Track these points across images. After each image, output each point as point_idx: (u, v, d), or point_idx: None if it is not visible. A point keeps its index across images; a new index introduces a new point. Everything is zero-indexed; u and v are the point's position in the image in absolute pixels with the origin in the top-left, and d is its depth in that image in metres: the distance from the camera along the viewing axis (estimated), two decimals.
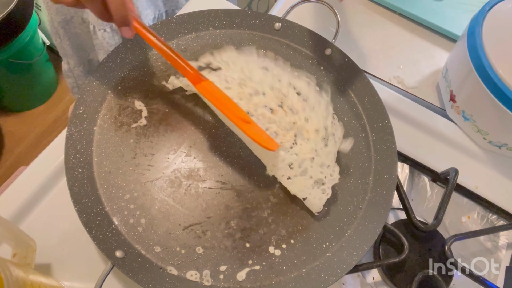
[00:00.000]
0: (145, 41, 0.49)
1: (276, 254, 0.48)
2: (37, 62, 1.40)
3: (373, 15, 0.76)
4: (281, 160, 0.51)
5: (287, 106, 0.53)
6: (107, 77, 0.55)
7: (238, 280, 0.46)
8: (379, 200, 0.51)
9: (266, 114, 0.52)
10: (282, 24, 0.61)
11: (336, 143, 0.52)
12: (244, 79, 0.54)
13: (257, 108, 0.53)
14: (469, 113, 0.60)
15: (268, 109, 0.53)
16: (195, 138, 0.53)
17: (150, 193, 0.49)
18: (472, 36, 0.57)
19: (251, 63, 0.55)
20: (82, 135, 0.51)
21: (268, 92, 0.54)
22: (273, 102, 0.53)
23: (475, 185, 0.60)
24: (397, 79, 0.70)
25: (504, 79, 0.53)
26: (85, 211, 0.47)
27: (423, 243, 0.55)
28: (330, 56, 0.60)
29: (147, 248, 0.46)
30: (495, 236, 0.58)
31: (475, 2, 0.75)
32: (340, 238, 0.49)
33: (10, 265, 0.39)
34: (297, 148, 0.52)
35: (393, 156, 0.54)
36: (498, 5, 0.58)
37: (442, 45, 0.73)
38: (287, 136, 0.52)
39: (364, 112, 0.57)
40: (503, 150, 0.61)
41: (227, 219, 0.49)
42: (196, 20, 0.60)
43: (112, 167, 0.50)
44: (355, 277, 0.53)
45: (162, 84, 0.56)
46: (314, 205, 0.49)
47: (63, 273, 0.50)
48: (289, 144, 0.51)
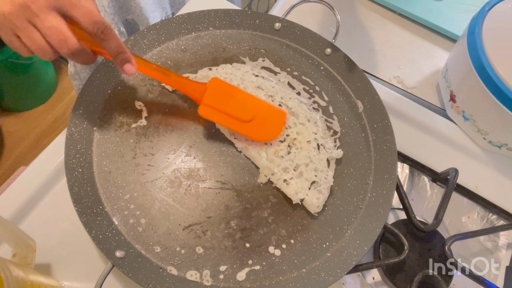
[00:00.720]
0: (145, 74, 0.51)
1: (276, 254, 0.48)
2: (37, 62, 1.40)
3: (373, 15, 0.76)
4: (276, 165, 0.51)
5: None
6: (107, 77, 0.55)
7: (238, 280, 0.46)
8: (379, 200, 0.51)
9: None
10: (282, 24, 0.61)
11: (327, 153, 0.53)
12: None
13: None
14: (469, 113, 0.60)
15: None
16: (195, 138, 0.53)
17: (150, 193, 0.49)
18: (472, 36, 0.57)
19: (246, 81, 0.56)
20: (82, 135, 0.51)
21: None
22: None
23: (475, 185, 0.60)
24: (397, 79, 0.70)
25: (504, 79, 0.53)
26: (85, 211, 0.47)
27: (423, 243, 0.55)
28: (330, 56, 0.60)
29: (147, 248, 0.46)
30: (495, 236, 0.58)
31: (475, 2, 0.75)
32: (340, 238, 0.49)
33: (10, 265, 0.39)
34: (292, 155, 0.53)
35: (393, 156, 0.54)
36: (498, 5, 0.58)
37: (442, 45, 0.73)
38: (281, 146, 0.53)
39: (364, 112, 0.57)
40: (503, 150, 0.61)
41: (227, 219, 0.49)
42: (196, 20, 0.60)
43: (112, 167, 0.50)
44: (355, 277, 0.53)
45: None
46: (312, 206, 0.50)
47: (63, 273, 0.50)
48: (284, 152, 0.53)
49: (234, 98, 0.52)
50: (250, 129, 0.52)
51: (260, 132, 0.52)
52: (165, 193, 0.50)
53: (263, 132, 0.52)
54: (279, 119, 0.53)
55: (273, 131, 0.53)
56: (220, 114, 0.51)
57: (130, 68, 0.46)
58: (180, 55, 0.58)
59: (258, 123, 0.52)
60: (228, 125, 0.52)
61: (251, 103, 0.53)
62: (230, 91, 0.53)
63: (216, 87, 0.52)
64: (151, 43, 0.58)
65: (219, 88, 0.52)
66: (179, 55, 0.58)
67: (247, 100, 0.53)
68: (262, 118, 0.52)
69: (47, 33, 0.39)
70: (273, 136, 0.53)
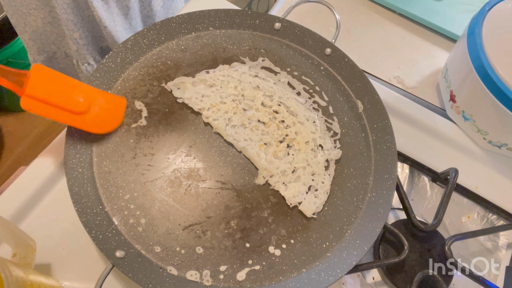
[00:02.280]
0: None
1: (276, 254, 0.48)
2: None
3: (373, 15, 0.76)
4: (275, 167, 0.51)
5: (279, 121, 0.55)
6: (107, 77, 0.55)
7: (238, 280, 0.46)
8: (379, 200, 0.51)
9: (260, 127, 0.54)
10: (282, 24, 0.61)
11: (325, 154, 0.54)
12: (237, 96, 0.56)
13: (251, 121, 0.54)
14: (469, 113, 0.60)
15: (261, 123, 0.54)
16: (195, 138, 0.53)
17: (150, 193, 0.49)
18: (472, 36, 0.57)
19: (244, 82, 0.56)
20: (82, 135, 0.51)
21: (260, 108, 0.55)
22: (265, 117, 0.55)
23: (475, 185, 0.60)
24: (397, 79, 0.70)
25: (504, 79, 0.53)
26: (85, 211, 0.47)
27: (423, 243, 0.55)
28: (330, 56, 0.60)
29: (147, 248, 0.46)
30: (495, 236, 0.58)
31: (475, 2, 0.75)
32: (340, 238, 0.49)
33: (10, 265, 0.39)
34: (290, 157, 0.53)
35: (393, 156, 0.54)
36: (498, 5, 0.58)
37: (442, 45, 0.73)
38: (280, 147, 0.53)
39: (364, 112, 0.57)
40: (503, 150, 0.61)
41: (227, 219, 0.49)
42: (196, 20, 0.60)
43: (112, 167, 0.50)
44: (355, 277, 0.53)
45: (162, 84, 0.56)
46: (308, 210, 0.50)
47: (63, 273, 0.50)
48: (282, 154, 0.53)
49: (64, 88, 0.47)
50: (86, 121, 0.48)
51: (97, 124, 0.49)
52: (165, 193, 0.50)
53: (101, 123, 0.49)
54: (118, 107, 0.50)
55: (112, 120, 0.50)
56: (48, 106, 0.46)
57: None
58: (180, 55, 0.58)
59: (95, 114, 0.48)
60: (58, 119, 0.47)
61: (85, 93, 0.48)
62: (59, 80, 0.47)
63: (41, 76, 0.46)
64: (151, 43, 0.58)
65: (45, 77, 0.46)
66: (179, 55, 0.58)
67: (80, 89, 0.48)
68: (99, 107, 0.49)
69: None
70: (112, 126, 0.50)
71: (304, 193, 0.51)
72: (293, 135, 0.54)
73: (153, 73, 0.56)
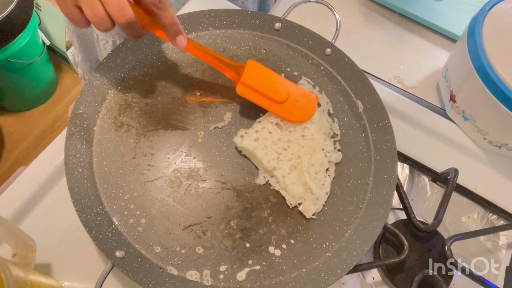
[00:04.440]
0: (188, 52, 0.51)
1: (276, 254, 0.48)
2: (37, 62, 1.40)
3: (373, 15, 0.76)
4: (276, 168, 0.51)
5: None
6: (107, 77, 0.55)
7: (238, 280, 0.46)
8: (379, 200, 0.51)
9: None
10: (282, 24, 0.61)
11: (326, 156, 0.53)
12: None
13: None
14: (469, 113, 0.60)
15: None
16: (195, 138, 0.53)
17: (150, 193, 0.49)
18: (472, 36, 0.57)
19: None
20: (82, 135, 0.51)
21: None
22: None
23: (475, 185, 0.60)
24: (397, 79, 0.70)
25: (504, 79, 0.53)
26: (85, 211, 0.47)
27: (423, 243, 0.55)
28: (330, 56, 0.60)
29: (147, 248, 0.46)
30: (495, 236, 0.58)
31: (475, 2, 0.75)
32: (340, 238, 0.49)
33: (10, 265, 0.39)
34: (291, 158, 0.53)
35: (393, 156, 0.54)
36: (498, 5, 0.58)
37: (442, 45, 0.74)
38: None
39: (364, 112, 0.57)
40: (503, 150, 0.61)
41: (227, 219, 0.49)
42: (196, 20, 0.60)
43: (112, 167, 0.50)
44: (355, 277, 0.53)
45: (162, 84, 0.56)
46: (308, 212, 0.50)
47: (63, 273, 0.50)
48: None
49: (269, 80, 0.54)
50: (284, 109, 0.53)
51: (293, 113, 0.53)
52: (165, 193, 0.50)
53: (296, 113, 0.54)
54: (311, 102, 0.55)
55: (305, 113, 0.54)
56: (255, 93, 0.53)
57: (182, 40, 0.47)
58: (180, 55, 0.58)
59: (291, 105, 0.53)
60: (263, 105, 0.53)
61: (285, 86, 0.54)
62: (266, 73, 0.55)
63: (252, 68, 0.54)
64: (151, 43, 0.58)
65: (256, 70, 0.54)
66: (179, 55, 0.58)
67: (282, 82, 0.55)
68: (295, 100, 0.54)
69: (108, 2, 0.41)
70: (306, 118, 0.54)
71: (304, 194, 0.51)
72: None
73: (153, 73, 0.56)
